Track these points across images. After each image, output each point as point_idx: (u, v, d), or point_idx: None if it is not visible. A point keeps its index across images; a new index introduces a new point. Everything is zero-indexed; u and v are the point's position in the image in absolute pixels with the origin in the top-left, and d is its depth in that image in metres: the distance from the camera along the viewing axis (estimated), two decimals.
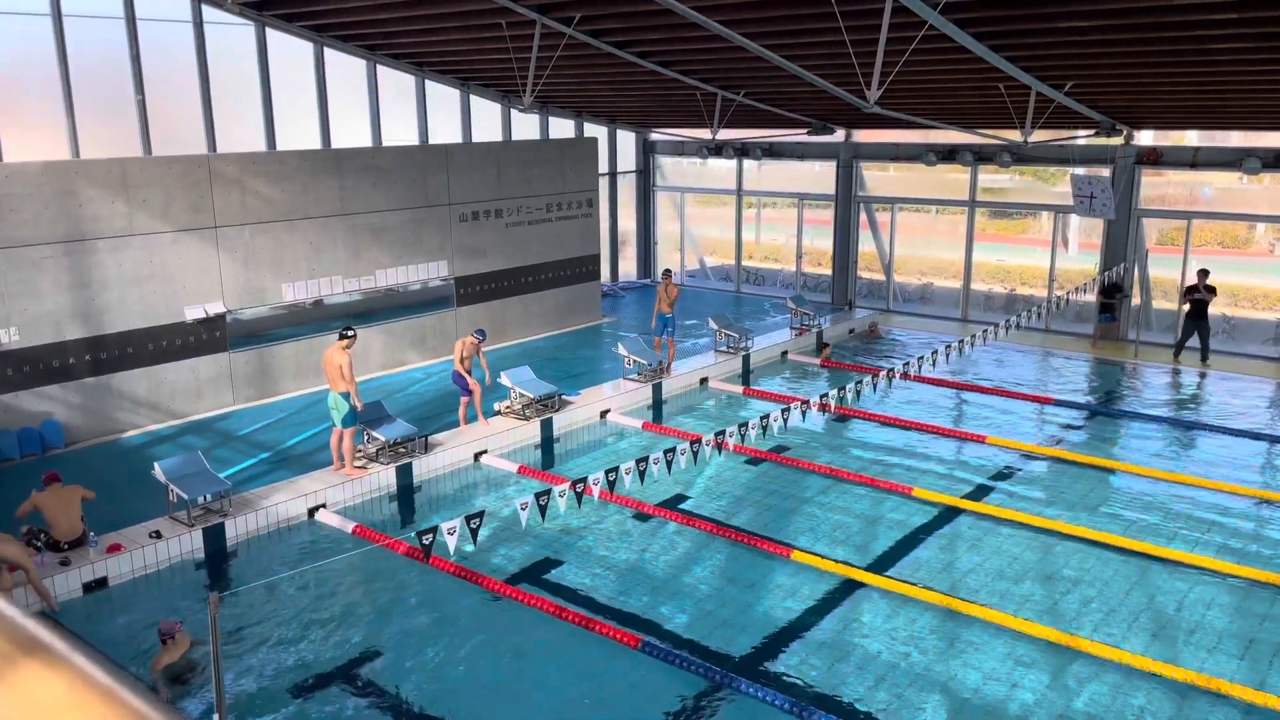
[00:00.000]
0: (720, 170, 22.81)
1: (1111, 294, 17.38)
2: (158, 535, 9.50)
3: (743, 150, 21.51)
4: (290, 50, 15.91)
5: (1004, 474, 11.77)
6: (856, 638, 8.20)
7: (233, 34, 15.22)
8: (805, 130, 19.70)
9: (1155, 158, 17.03)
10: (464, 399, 12.75)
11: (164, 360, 13.19)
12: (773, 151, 21.33)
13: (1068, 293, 15.93)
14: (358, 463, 11.30)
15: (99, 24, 13.85)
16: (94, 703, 0.47)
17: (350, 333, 10.97)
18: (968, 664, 7.80)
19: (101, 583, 9.00)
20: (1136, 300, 17.81)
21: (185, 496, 9.72)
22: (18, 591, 8.30)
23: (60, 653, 0.50)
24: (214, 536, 9.79)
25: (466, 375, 12.58)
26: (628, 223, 23.64)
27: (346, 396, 10.71)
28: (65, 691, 0.47)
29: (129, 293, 12.73)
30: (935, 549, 9.84)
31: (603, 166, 21.29)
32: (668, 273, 15.91)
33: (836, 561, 9.41)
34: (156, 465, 10.02)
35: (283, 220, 14.24)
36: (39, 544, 8.98)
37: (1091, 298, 17.59)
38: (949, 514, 10.59)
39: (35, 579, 8.26)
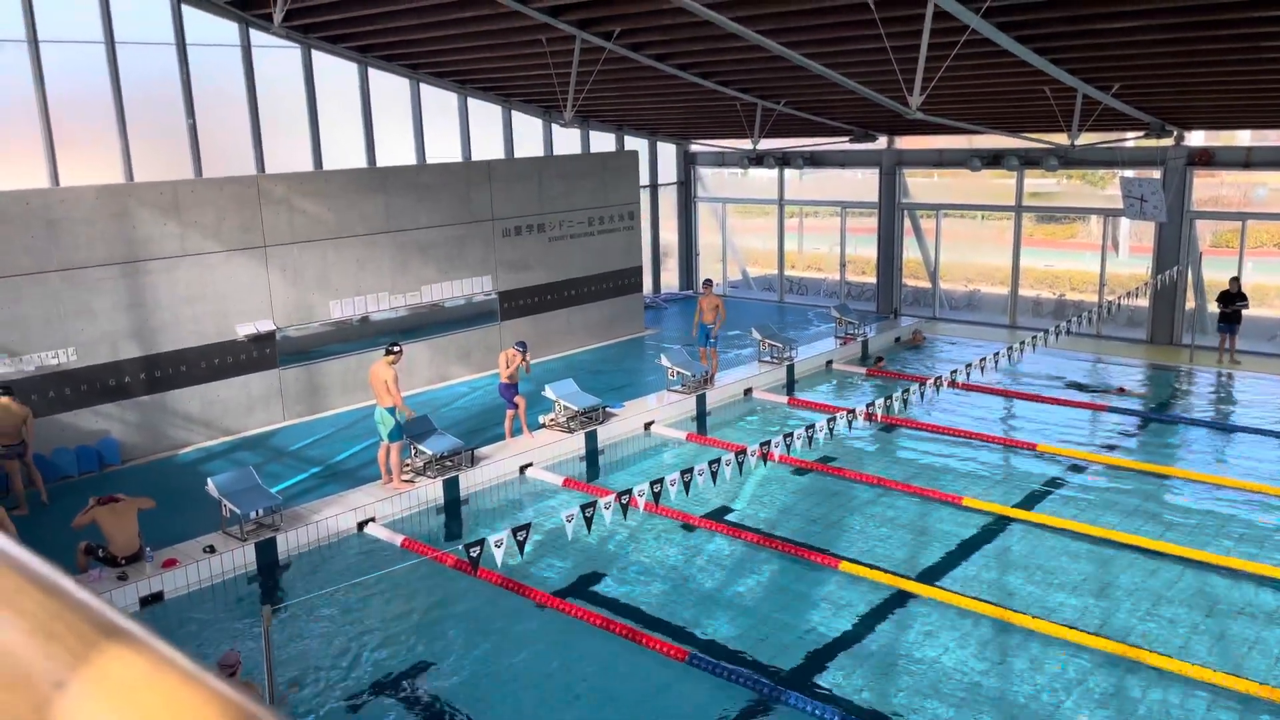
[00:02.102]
0: (762, 180, 22.77)
1: (1232, 302, 15.91)
2: (212, 550, 9.66)
3: (784, 159, 21.45)
4: (335, 71, 16.18)
5: (1056, 482, 11.56)
6: (907, 650, 8.09)
7: (279, 57, 15.52)
8: (847, 138, 19.60)
9: (1207, 159, 16.69)
10: (510, 412, 12.82)
11: (216, 378, 13.43)
12: (814, 160, 21.25)
13: (1119, 297, 15.66)
14: (405, 476, 11.41)
15: (150, 50, 14.20)
16: (174, 682, 0.48)
17: (396, 348, 11.11)
18: (1022, 676, 7.66)
19: (158, 597, 9.17)
20: (1191, 304, 17.43)
21: (238, 511, 9.88)
22: None
23: (139, 636, 0.52)
24: (266, 550, 9.93)
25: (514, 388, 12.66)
26: (669, 234, 23.67)
27: (392, 411, 10.83)
28: (147, 671, 0.48)
29: (182, 312, 12.99)
30: (987, 559, 9.69)
31: (644, 179, 21.35)
32: (708, 283, 15.89)
33: (886, 572, 9.31)
34: (210, 481, 10.19)
35: (330, 238, 14.46)
36: (98, 558, 9.18)
37: (1144, 302, 17.25)
38: (1000, 523, 10.43)
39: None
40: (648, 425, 13.82)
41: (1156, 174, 16.89)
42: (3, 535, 0.58)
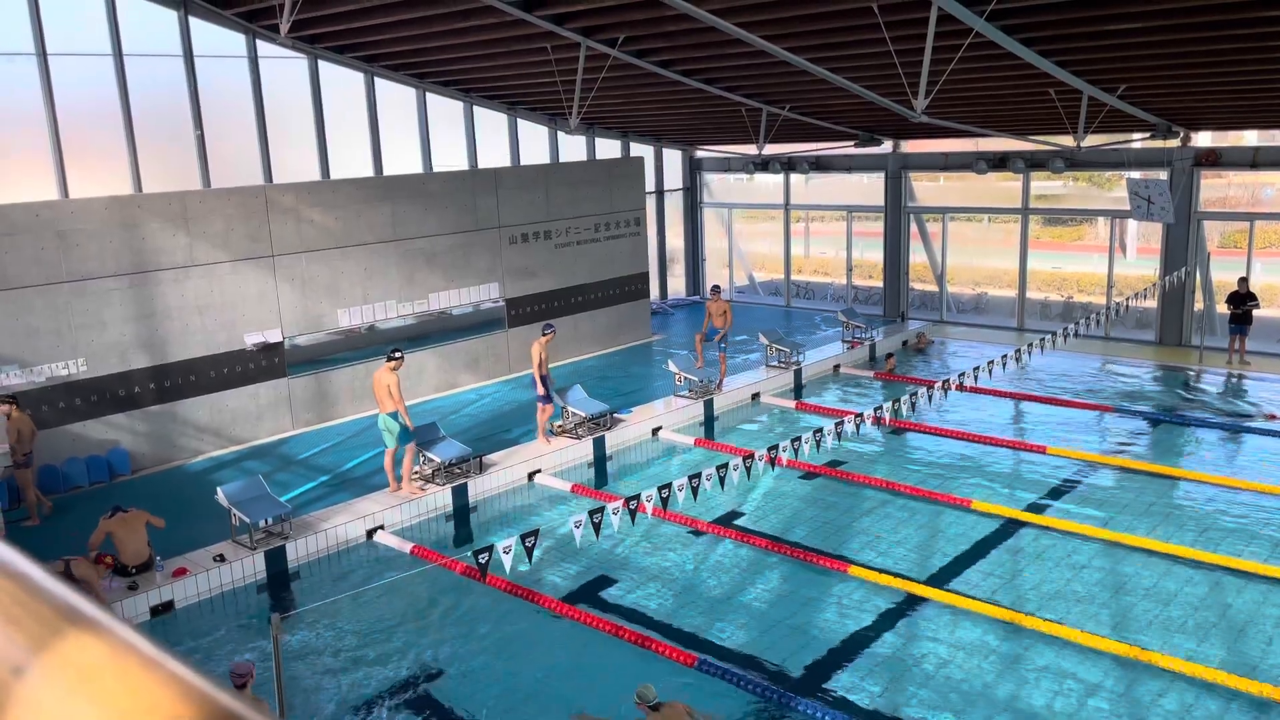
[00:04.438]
0: (767, 185, 22.78)
1: (1243, 303, 15.74)
2: (221, 559, 9.68)
3: (789, 164, 21.46)
4: (342, 81, 16.25)
5: (1066, 485, 11.51)
6: (917, 654, 8.06)
7: (286, 67, 15.60)
8: (852, 142, 19.61)
9: (1214, 159, 16.63)
10: (542, 407, 12.78)
11: (225, 387, 13.48)
12: (820, 165, 21.25)
13: (1127, 299, 15.61)
14: (415, 482, 11.43)
15: (158, 62, 14.29)
16: (135, 667, 0.48)
17: (398, 354, 11.15)
18: (1034, 681, 7.62)
19: (168, 606, 9.19)
20: (1200, 305, 17.35)
21: (247, 520, 9.90)
22: None
23: (103, 623, 0.52)
24: (276, 559, 9.94)
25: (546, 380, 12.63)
26: (676, 240, 23.69)
27: (395, 416, 10.86)
28: (108, 657, 0.49)
29: (191, 322, 13.05)
30: (997, 562, 9.65)
31: (649, 185, 21.39)
32: (715, 289, 15.79)
33: (896, 576, 9.27)
34: (219, 490, 10.22)
35: (338, 247, 14.51)
36: (107, 567, 9.21)
37: (1153, 304, 17.18)
38: (1010, 526, 10.39)
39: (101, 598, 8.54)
40: (656, 431, 13.82)
41: (1163, 175, 16.84)
42: None
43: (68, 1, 13.43)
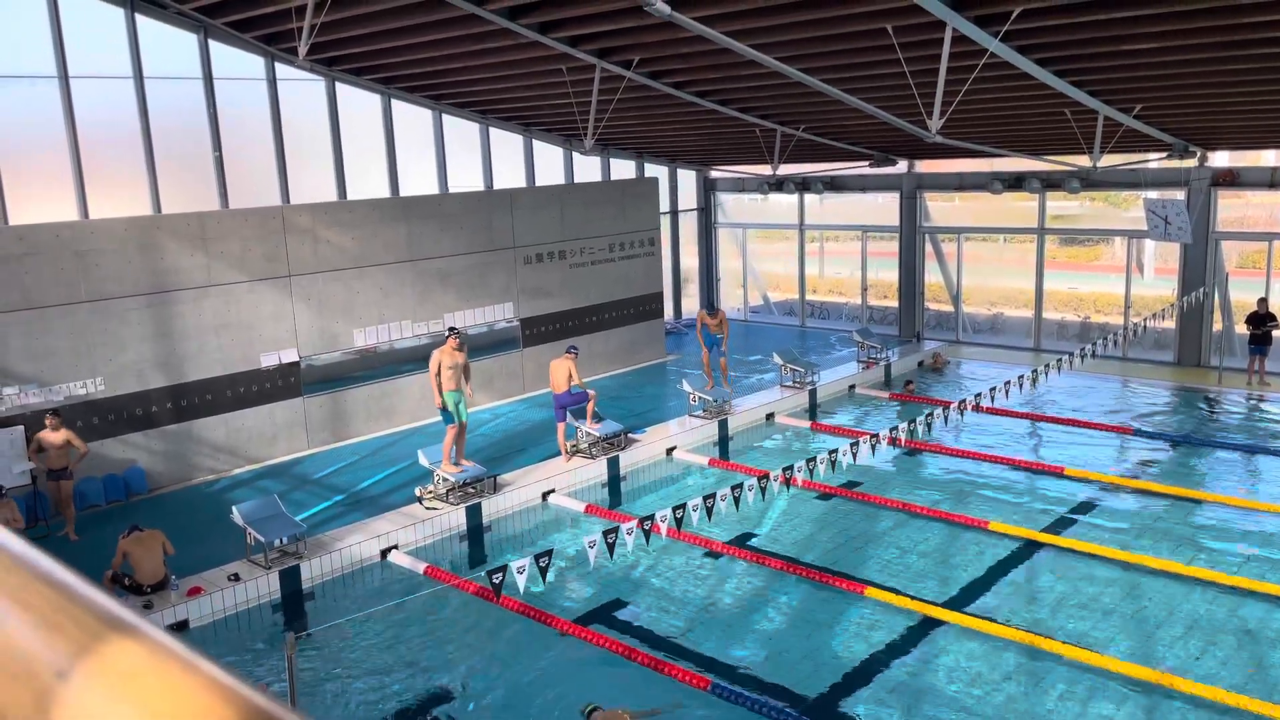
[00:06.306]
0: (782, 205, 22.81)
1: (1263, 323, 15.59)
2: (236, 578, 9.69)
3: (804, 185, 21.48)
4: (359, 102, 16.40)
5: (1085, 506, 11.41)
6: (935, 677, 7.98)
7: (304, 89, 15.76)
8: (867, 162, 19.63)
9: (1231, 179, 16.56)
10: (561, 425, 12.90)
11: (241, 406, 13.54)
12: (834, 185, 21.27)
13: (1145, 319, 15.53)
14: (427, 503, 11.49)
15: (178, 85, 14.45)
16: (176, 671, 0.48)
17: (451, 329, 12.08)
18: (1053, 704, 7.53)
19: (183, 625, 9.20)
20: (1218, 325, 17.24)
21: (262, 539, 9.92)
22: None
23: (143, 629, 0.52)
24: (290, 578, 9.95)
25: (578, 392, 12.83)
26: (690, 260, 23.73)
27: (448, 395, 11.54)
28: (149, 661, 0.49)
29: (208, 341, 13.13)
30: (1015, 584, 9.56)
31: (664, 205, 21.44)
32: (711, 306, 15.88)
33: (912, 598, 9.20)
34: (234, 509, 10.25)
35: (354, 267, 14.59)
36: (124, 586, 9.23)
37: (1171, 324, 17.08)
38: (1028, 548, 10.30)
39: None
40: (670, 450, 13.79)
41: (1180, 195, 16.77)
42: (8, 531, 0.60)
43: (89, 25, 13.61)
